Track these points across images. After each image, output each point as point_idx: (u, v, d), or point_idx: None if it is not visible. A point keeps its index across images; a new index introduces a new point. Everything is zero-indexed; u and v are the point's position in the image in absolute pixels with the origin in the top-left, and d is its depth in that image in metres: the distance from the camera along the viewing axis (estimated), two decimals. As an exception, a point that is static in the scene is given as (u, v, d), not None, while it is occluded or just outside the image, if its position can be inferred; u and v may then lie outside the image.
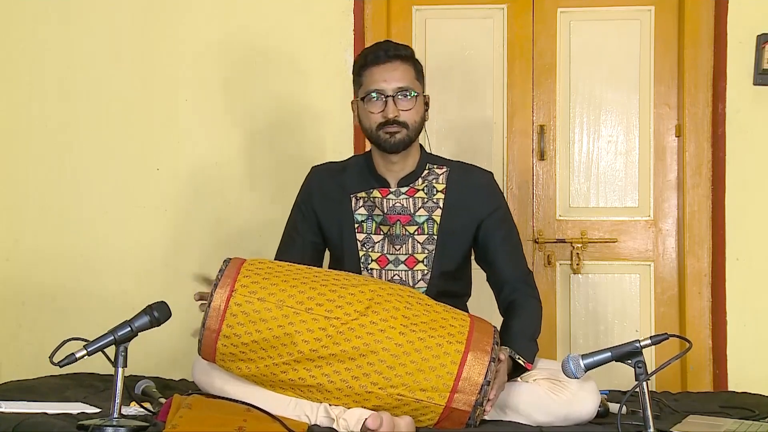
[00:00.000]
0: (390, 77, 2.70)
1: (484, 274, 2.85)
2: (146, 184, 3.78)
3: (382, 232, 2.75)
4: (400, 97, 2.70)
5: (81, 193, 3.79)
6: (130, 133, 3.78)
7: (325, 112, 3.74)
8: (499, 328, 2.63)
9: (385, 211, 2.75)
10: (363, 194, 2.78)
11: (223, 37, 3.77)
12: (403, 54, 2.73)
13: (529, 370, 2.56)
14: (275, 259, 2.84)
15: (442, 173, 2.80)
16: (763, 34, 3.60)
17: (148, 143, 3.78)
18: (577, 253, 3.77)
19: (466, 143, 3.77)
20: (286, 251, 2.85)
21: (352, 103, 2.86)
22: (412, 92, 2.71)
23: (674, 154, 3.77)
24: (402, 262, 2.74)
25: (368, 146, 3.73)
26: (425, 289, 2.73)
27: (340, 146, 3.65)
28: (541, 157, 3.79)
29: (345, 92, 3.72)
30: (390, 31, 3.80)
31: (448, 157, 2.90)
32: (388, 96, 2.70)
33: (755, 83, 3.62)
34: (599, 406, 2.55)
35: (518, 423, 2.51)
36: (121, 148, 3.78)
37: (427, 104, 2.80)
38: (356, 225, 2.77)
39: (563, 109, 3.80)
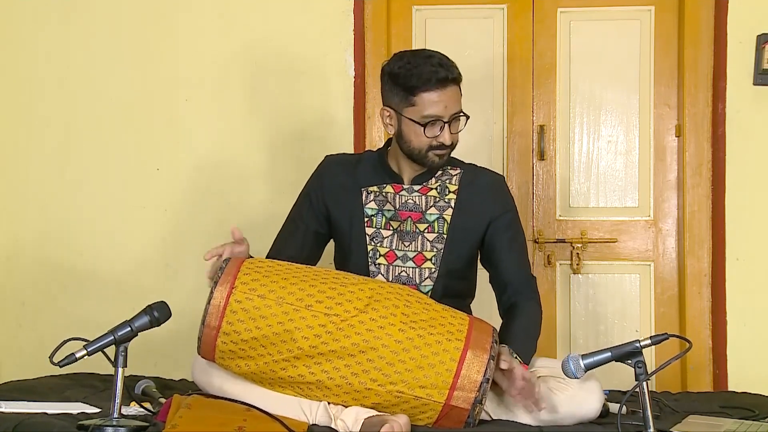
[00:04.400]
0: (450, 104, 2.63)
1: (486, 275, 2.85)
2: (146, 184, 3.78)
3: (391, 228, 2.75)
4: (455, 122, 2.67)
5: (81, 193, 3.79)
6: (130, 133, 3.79)
7: (325, 112, 3.74)
8: (498, 330, 2.63)
9: (397, 206, 2.75)
10: (375, 188, 2.77)
11: (223, 38, 3.77)
12: (458, 77, 2.65)
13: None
14: (274, 243, 2.85)
15: (456, 174, 2.79)
16: (763, 34, 3.60)
17: (148, 143, 3.78)
18: (577, 253, 3.77)
19: (466, 143, 3.75)
20: (287, 237, 2.85)
21: (383, 110, 2.73)
22: (463, 114, 2.68)
23: (674, 154, 3.77)
24: (410, 259, 2.74)
25: (368, 145, 3.75)
26: (431, 287, 2.72)
27: (340, 147, 3.64)
28: (541, 157, 3.79)
29: (345, 92, 3.73)
30: (390, 31, 3.80)
31: (461, 159, 2.89)
32: (445, 122, 2.65)
33: (755, 83, 3.62)
34: (599, 406, 2.55)
35: (518, 423, 2.51)
36: (121, 148, 3.79)
37: None
38: (366, 219, 2.76)
39: (563, 109, 3.80)
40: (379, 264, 2.74)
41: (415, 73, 2.62)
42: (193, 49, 3.78)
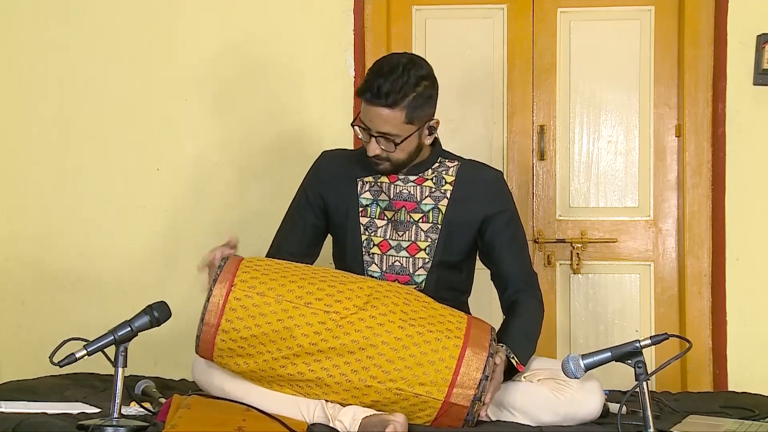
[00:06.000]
0: (375, 120, 2.61)
1: (487, 274, 2.84)
2: (146, 184, 3.78)
3: (386, 218, 2.75)
4: (382, 139, 2.64)
5: (81, 193, 3.79)
6: (130, 132, 3.79)
7: (324, 112, 3.74)
8: (499, 328, 2.63)
9: (392, 196, 2.75)
10: (370, 179, 2.77)
11: (223, 37, 3.77)
12: (391, 102, 2.57)
13: (520, 372, 2.56)
14: (274, 239, 2.87)
15: (453, 166, 2.79)
16: (763, 34, 3.60)
17: (148, 143, 3.78)
18: (577, 253, 3.77)
19: (466, 143, 3.77)
20: (286, 232, 2.86)
21: None
22: (395, 139, 2.63)
23: (674, 154, 3.78)
24: (404, 249, 2.73)
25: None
26: (425, 277, 2.72)
27: (339, 146, 3.63)
28: (541, 157, 3.79)
29: (345, 92, 3.73)
30: (390, 31, 3.81)
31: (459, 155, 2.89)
32: (372, 135, 2.64)
33: (755, 83, 3.62)
34: (599, 406, 2.55)
35: (518, 423, 2.50)
36: (121, 148, 3.79)
37: (432, 128, 2.72)
38: (360, 209, 2.76)
39: (563, 109, 3.80)
40: (373, 253, 2.74)
41: (363, 80, 2.65)
42: (193, 49, 3.78)
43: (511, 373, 2.54)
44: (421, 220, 2.74)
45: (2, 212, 3.81)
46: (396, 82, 2.59)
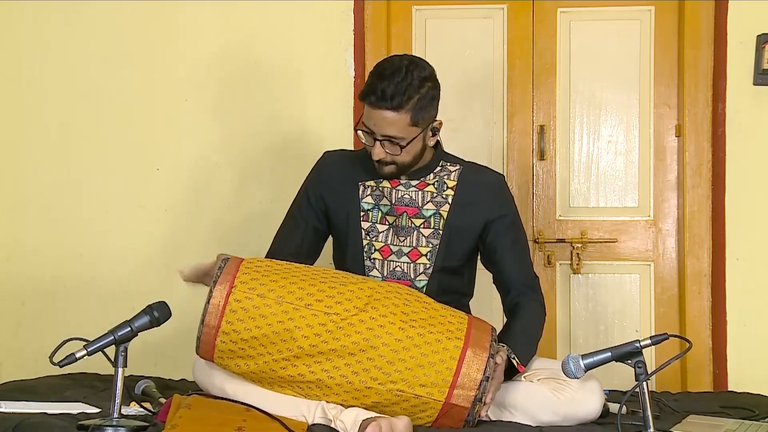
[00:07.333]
0: (379, 123, 2.60)
1: (489, 276, 2.84)
2: (146, 184, 3.78)
3: (387, 223, 2.75)
4: (386, 142, 2.63)
5: (81, 193, 3.79)
6: (130, 133, 3.79)
7: (324, 112, 3.74)
8: (500, 330, 2.63)
9: (393, 201, 2.75)
10: (372, 183, 2.77)
11: (223, 37, 3.77)
12: (395, 104, 2.56)
13: (521, 373, 2.56)
14: (274, 240, 2.86)
15: (455, 170, 2.79)
16: (763, 34, 3.60)
17: (148, 143, 3.78)
18: (577, 253, 3.77)
19: (465, 143, 3.77)
20: (287, 234, 2.86)
21: None
22: (401, 142, 2.62)
23: (674, 154, 3.78)
24: (405, 254, 2.73)
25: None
26: (426, 282, 2.72)
27: (340, 147, 3.62)
28: (541, 157, 3.79)
29: (345, 92, 3.73)
30: (390, 31, 3.81)
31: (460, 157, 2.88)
32: (376, 138, 2.63)
33: (755, 83, 3.62)
34: (599, 406, 2.55)
35: (518, 423, 2.51)
36: (121, 148, 3.79)
37: (435, 129, 2.71)
38: (362, 213, 2.76)
39: (563, 109, 3.80)
40: (374, 258, 2.74)
41: (366, 83, 2.63)
42: (193, 49, 3.78)
43: (511, 373, 2.54)
44: (422, 226, 2.74)
45: (2, 212, 3.81)
46: (400, 84, 2.58)
